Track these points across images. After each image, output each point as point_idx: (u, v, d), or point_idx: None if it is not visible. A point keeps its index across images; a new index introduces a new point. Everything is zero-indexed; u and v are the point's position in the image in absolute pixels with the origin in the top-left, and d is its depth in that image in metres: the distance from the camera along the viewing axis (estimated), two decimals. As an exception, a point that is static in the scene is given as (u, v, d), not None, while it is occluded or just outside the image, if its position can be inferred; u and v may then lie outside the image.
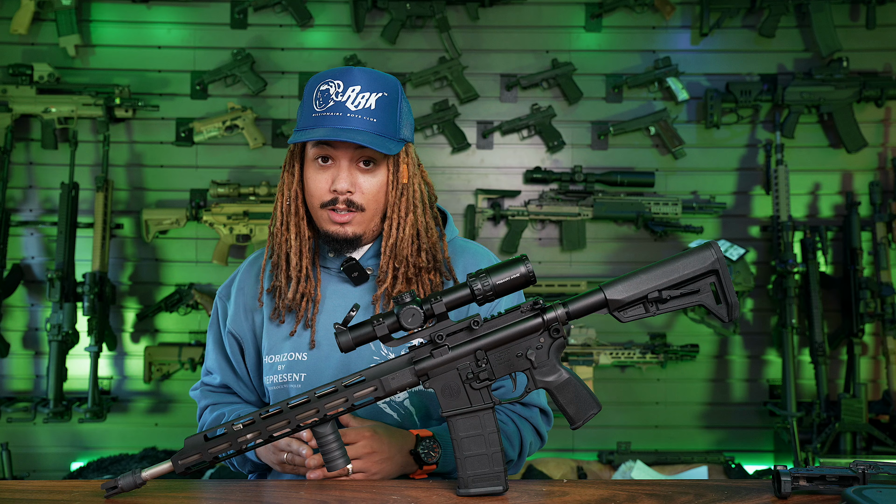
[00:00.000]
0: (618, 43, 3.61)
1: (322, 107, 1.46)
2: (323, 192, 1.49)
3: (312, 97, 1.49)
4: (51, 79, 3.45)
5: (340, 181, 1.47)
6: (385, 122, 1.47)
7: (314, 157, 1.50)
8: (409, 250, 1.53)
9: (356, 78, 1.46)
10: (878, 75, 3.57)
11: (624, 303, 1.19)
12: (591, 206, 3.49)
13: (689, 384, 3.59)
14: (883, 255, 3.43)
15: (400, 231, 1.52)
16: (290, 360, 1.53)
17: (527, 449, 1.55)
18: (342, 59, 3.55)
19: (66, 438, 3.57)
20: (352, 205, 1.48)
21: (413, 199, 1.54)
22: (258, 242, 3.46)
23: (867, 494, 1.04)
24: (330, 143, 1.47)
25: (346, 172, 1.48)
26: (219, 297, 1.65)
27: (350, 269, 1.53)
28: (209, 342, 1.66)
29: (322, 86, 1.48)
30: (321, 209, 1.50)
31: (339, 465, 1.22)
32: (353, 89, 1.46)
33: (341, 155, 1.48)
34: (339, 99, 1.46)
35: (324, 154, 1.49)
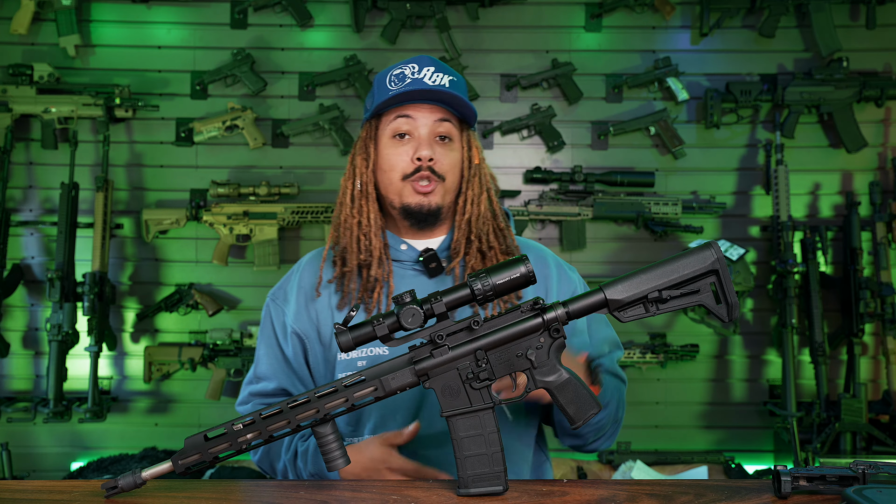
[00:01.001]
0: (618, 43, 3.61)
1: (399, 84, 1.52)
2: (405, 163, 1.52)
3: (386, 81, 1.54)
4: (51, 79, 3.45)
5: (423, 148, 1.51)
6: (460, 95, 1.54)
7: (392, 135, 1.54)
8: (484, 228, 1.56)
9: (429, 62, 1.55)
10: (878, 75, 3.57)
11: (624, 303, 1.19)
12: (591, 206, 3.49)
13: (689, 384, 3.59)
14: (883, 255, 3.43)
15: (475, 207, 1.56)
16: (371, 356, 1.52)
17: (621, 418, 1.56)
18: (342, 59, 3.55)
19: (66, 438, 3.57)
20: (434, 173, 1.51)
21: (485, 180, 1.59)
22: (258, 242, 3.46)
23: (867, 494, 1.04)
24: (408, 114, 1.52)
25: (426, 141, 1.52)
26: (271, 301, 1.63)
27: (429, 259, 1.54)
28: (260, 348, 1.63)
29: (395, 70, 1.55)
30: (402, 181, 1.53)
31: (339, 465, 1.22)
32: (428, 69, 1.53)
33: (420, 126, 1.53)
34: (415, 76, 1.52)
35: (401, 130, 1.53)
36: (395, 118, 1.54)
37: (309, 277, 1.61)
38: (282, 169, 3.59)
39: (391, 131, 1.54)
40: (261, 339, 1.64)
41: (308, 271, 1.63)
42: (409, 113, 1.53)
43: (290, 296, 1.61)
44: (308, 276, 1.62)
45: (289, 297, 1.61)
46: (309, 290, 1.60)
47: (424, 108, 1.54)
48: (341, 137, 3.52)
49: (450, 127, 1.55)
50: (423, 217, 1.54)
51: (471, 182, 1.58)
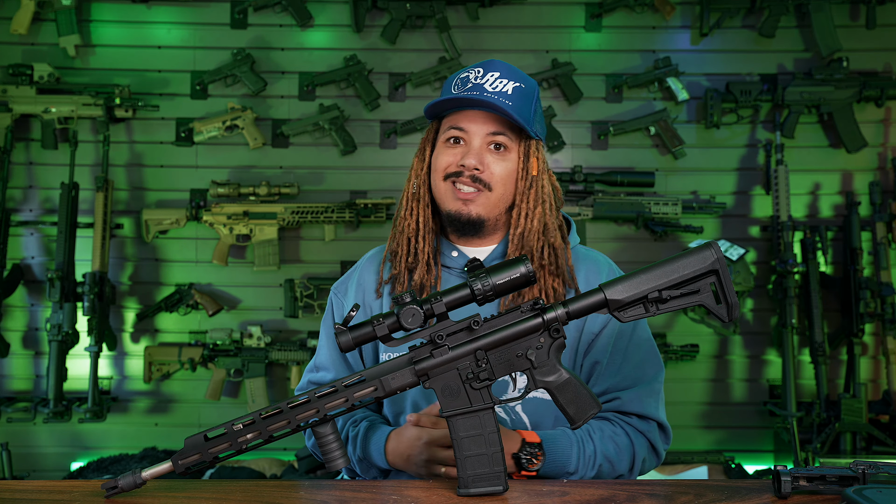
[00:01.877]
0: (618, 43, 3.61)
1: (460, 89, 1.50)
2: (450, 164, 1.51)
3: (451, 85, 1.53)
4: (51, 79, 3.45)
5: (469, 157, 1.49)
6: (520, 108, 1.50)
7: (446, 139, 1.53)
8: (535, 244, 1.52)
9: (496, 66, 1.52)
10: (878, 75, 3.57)
11: (624, 303, 1.19)
12: (591, 206, 3.49)
13: (689, 384, 3.59)
14: (883, 255, 3.43)
15: (528, 222, 1.52)
16: None
17: (638, 465, 1.49)
18: (342, 59, 3.55)
19: (66, 438, 3.57)
20: (478, 181, 1.49)
21: (542, 192, 1.54)
22: (258, 242, 3.46)
23: (867, 494, 1.03)
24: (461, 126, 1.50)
25: (476, 150, 1.50)
26: (334, 294, 1.65)
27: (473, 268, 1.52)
28: (322, 338, 1.65)
29: (462, 74, 1.53)
30: (444, 182, 1.51)
31: (339, 465, 1.22)
32: (493, 74, 1.51)
33: (474, 133, 1.50)
34: (477, 81, 1.50)
35: (456, 135, 1.51)
36: (449, 127, 1.53)
37: (367, 274, 1.63)
38: (282, 169, 3.59)
39: (446, 135, 1.53)
40: (322, 330, 1.66)
41: (367, 268, 1.64)
42: (462, 125, 1.51)
43: (349, 290, 1.63)
44: (366, 272, 1.63)
45: (349, 292, 1.63)
46: (367, 287, 1.61)
47: (479, 119, 1.51)
48: (341, 137, 3.52)
49: (504, 140, 1.51)
50: (461, 225, 1.51)
51: (526, 195, 1.53)
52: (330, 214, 3.47)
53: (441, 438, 1.38)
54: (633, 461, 1.48)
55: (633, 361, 1.53)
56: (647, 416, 1.51)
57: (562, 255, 1.54)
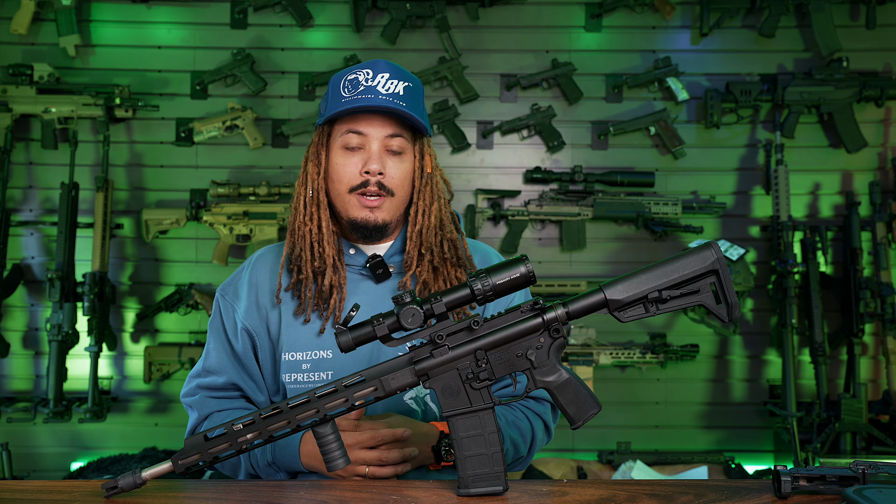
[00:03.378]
0: (618, 43, 3.61)
1: (352, 92, 1.50)
2: (353, 175, 1.51)
3: (340, 86, 1.52)
4: (51, 79, 3.45)
5: (372, 162, 1.50)
6: (413, 107, 1.52)
7: (342, 145, 1.53)
8: (434, 239, 1.56)
9: (384, 67, 1.52)
10: (878, 75, 3.57)
11: (624, 303, 1.19)
12: (591, 206, 3.49)
13: (689, 384, 3.59)
14: (883, 255, 3.43)
15: (426, 218, 1.56)
16: (316, 359, 1.52)
17: (537, 444, 1.57)
18: (342, 59, 3.55)
19: (66, 438, 3.57)
20: (382, 188, 1.51)
21: (436, 189, 1.59)
22: (258, 242, 3.46)
23: (867, 494, 1.04)
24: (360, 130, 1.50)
25: (376, 155, 1.51)
26: (221, 297, 1.62)
27: (376, 265, 1.54)
28: (210, 342, 1.62)
29: (350, 76, 1.53)
30: (349, 194, 1.52)
31: (339, 465, 1.22)
32: (383, 76, 1.51)
33: (372, 137, 1.51)
34: (369, 84, 1.50)
35: (354, 142, 1.51)
36: (346, 132, 1.52)
37: (259, 275, 1.60)
38: (282, 169, 3.59)
39: (342, 143, 1.53)
40: (210, 333, 1.62)
41: (259, 268, 1.61)
42: (360, 129, 1.51)
43: (240, 292, 1.60)
44: (259, 273, 1.61)
45: (239, 294, 1.60)
46: (260, 287, 1.59)
47: (376, 122, 1.51)
48: (341, 137, 3.52)
49: (402, 142, 1.53)
50: (368, 232, 1.53)
51: (422, 192, 1.57)
52: (330, 214, 3.46)
53: (366, 440, 1.39)
54: (533, 442, 1.56)
55: None
56: (541, 398, 1.59)
57: (460, 246, 1.60)
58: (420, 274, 1.55)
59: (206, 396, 1.59)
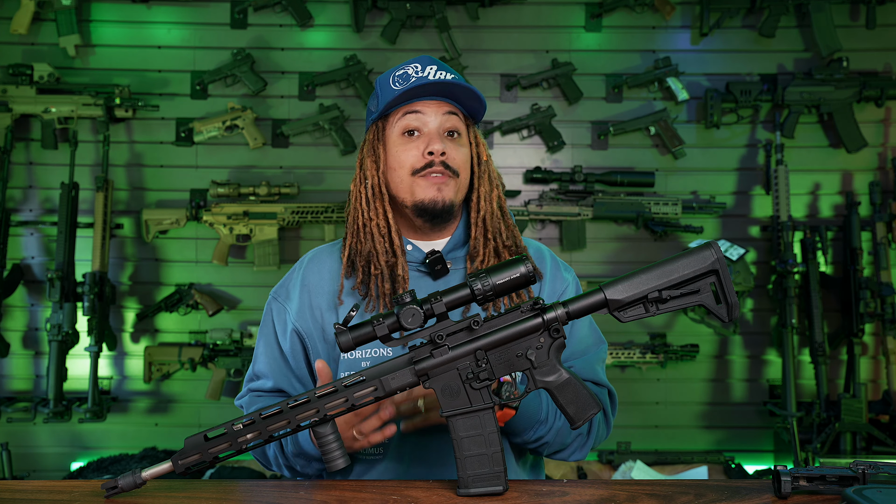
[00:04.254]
0: (618, 43, 3.61)
1: (404, 84, 1.50)
2: (416, 158, 1.50)
3: (390, 82, 1.52)
4: (51, 79, 3.45)
5: (434, 142, 1.49)
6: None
7: (401, 133, 1.53)
8: (499, 226, 1.55)
9: (430, 61, 1.53)
10: (878, 75, 3.57)
11: (624, 303, 1.19)
12: (591, 206, 3.49)
13: (689, 384, 3.59)
14: (883, 255, 3.43)
15: (488, 204, 1.55)
16: (375, 356, 1.50)
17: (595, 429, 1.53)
18: (342, 59, 3.55)
19: (66, 438, 3.57)
20: (447, 168, 1.50)
21: (493, 177, 1.58)
22: (258, 242, 3.46)
23: (867, 494, 1.04)
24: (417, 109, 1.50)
25: (437, 135, 1.51)
26: (274, 299, 1.61)
27: (434, 261, 1.53)
28: (260, 346, 1.61)
29: (398, 71, 1.53)
30: (413, 177, 1.50)
31: (339, 465, 1.22)
32: (431, 68, 1.51)
33: (430, 121, 1.51)
34: (419, 75, 1.50)
35: (411, 126, 1.51)
36: (402, 115, 1.52)
37: (313, 275, 1.59)
38: (282, 169, 3.59)
39: (400, 129, 1.52)
40: (260, 336, 1.61)
41: (313, 270, 1.60)
42: (417, 108, 1.51)
43: (292, 293, 1.58)
44: (313, 273, 1.59)
45: (291, 295, 1.58)
46: (314, 288, 1.57)
47: (432, 104, 1.52)
48: (341, 137, 3.52)
49: (457, 121, 1.53)
50: (437, 213, 1.51)
51: (482, 178, 1.56)
52: (330, 214, 3.47)
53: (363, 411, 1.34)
54: (591, 424, 1.52)
55: (579, 334, 1.58)
56: (600, 382, 1.56)
57: (518, 235, 1.59)
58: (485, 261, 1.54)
59: (255, 396, 1.60)
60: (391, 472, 1.49)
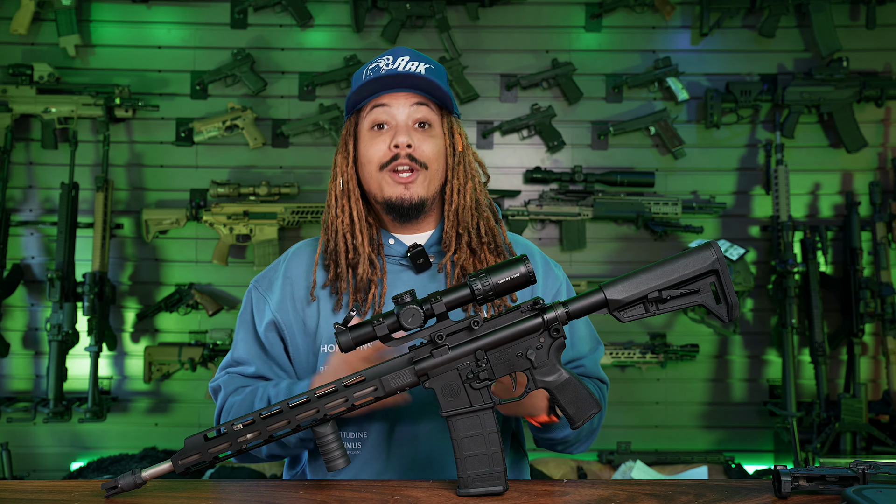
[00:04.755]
0: (618, 43, 3.61)
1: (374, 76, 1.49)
2: (382, 152, 1.49)
3: (363, 76, 1.51)
4: (51, 79, 3.45)
5: (400, 135, 1.48)
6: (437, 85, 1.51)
7: (370, 127, 1.51)
8: (471, 220, 1.53)
9: (403, 52, 1.52)
10: (878, 75, 3.57)
11: (624, 303, 1.19)
12: (591, 206, 3.49)
13: (689, 384, 3.59)
14: (883, 255, 3.43)
15: (461, 197, 1.53)
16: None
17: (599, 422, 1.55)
18: (342, 59, 3.55)
19: (66, 438, 3.57)
20: (414, 160, 1.48)
21: (470, 168, 1.56)
22: (258, 242, 3.46)
23: (867, 494, 1.04)
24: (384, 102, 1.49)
25: (404, 129, 1.49)
26: (255, 288, 1.60)
27: (416, 255, 1.51)
28: (240, 333, 1.59)
29: (371, 64, 1.52)
30: (381, 172, 1.49)
31: (339, 465, 1.22)
32: (403, 59, 1.50)
33: (397, 114, 1.50)
34: (389, 67, 1.49)
35: (379, 120, 1.50)
36: (371, 109, 1.51)
37: (295, 268, 1.58)
38: (282, 169, 3.59)
39: (369, 123, 1.51)
40: (239, 325, 1.60)
41: (295, 263, 1.59)
42: (384, 101, 1.50)
43: (274, 285, 1.58)
44: (294, 267, 1.59)
45: (273, 286, 1.58)
46: (295, 282, 1.56)
47: (400, 95, 1.50)
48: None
49: (427, 112, 1.51)
50: (405, 211, 1.50)
51: (455, 170, 1.54)
52: (330, 214, 3.46)
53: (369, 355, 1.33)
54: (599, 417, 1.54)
55: (582, 335, 1.60)
56: (603, 380, 1.60)
57: (499, 233, 1.57)
58: (458, 258, 1.53)
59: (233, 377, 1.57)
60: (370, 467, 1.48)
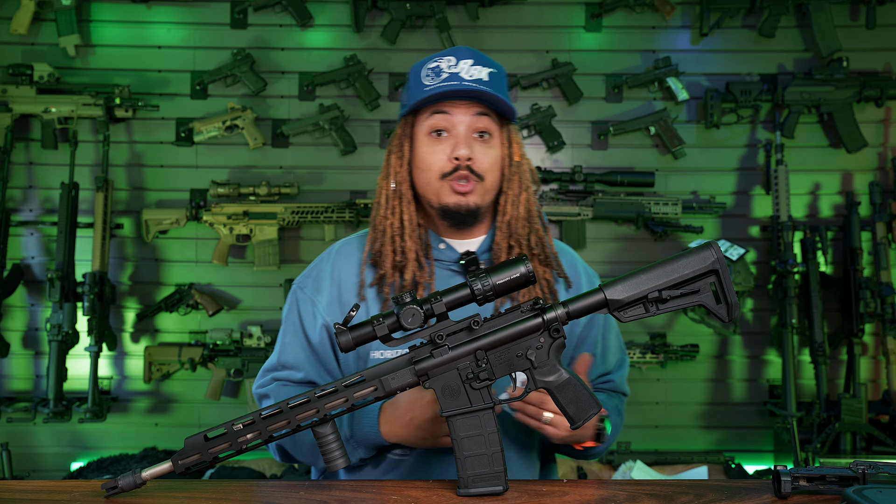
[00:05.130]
0: (618, 43, 3.61)
1: (435, 80, 1.47)
2: (442, 162, 1.48)
3: (422, 75, 1.49)
4: (51, 79, 3.45)
5: (460, 147, 1.46)
6: (498, 91, 1.48)
7: (428, 132, 1.49)
8: (522, 231, 1.53)
9: (466, 54, 1.49)
10: (878, 75, 3.57)
11: (624, 303, 1.19)
12: (591, 206, 3.49)
13: (689, 384, 3.59)
14: (883, 255, 3.43)
15: (514, 209, 1.52)
16: None
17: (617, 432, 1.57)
18: (342, 59, 3.55)
19: (66, 438, 3.57)
20: (472, 172, 1.47)
21: (525, 178, 1.55)
22: (258, 242, 3.46)
23: (867, 494, 1.04)
24: (445, 110, 1.47)
25: (464, 139, 1.47)
26: (299, 289, 1.57)
27: (470, 262, 1.50)
28: (286, 336, 1.56)
29: (431, 64, 1.49)
30: (440, 181, 1.48)
31: (339, 465, 1.22)
32: (466, 62, 1.48)
33: (458, 122, 1.48)
34: (452, 70, 1.47)
35: (439, 127, 1.48)
36: (431, 114, 1.49)
37: (342, 268, 1.56)
38: (282, 169, 3.59)
39: (428, 128, 1.49)
40: (286, 327, 1.57)
41: (341, 262, 1.57)
42: (446, 109, 1.48)
43: (322, 286, 1.55)
44: (341, 266, 1.56)
45: (321, 288, 1.55)
46: (343, 282, 1.54)
47: (462, 105, 1.49)
48: (341, 137, 3.52)
49: (488, 122, 1.50)
50: (461, 218, 1.49)
51: (510, 181, 1.53)
52: (330, 214, 3.47)
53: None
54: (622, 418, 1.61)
55: (612, 347, 1.63)
56: (627, 394, 1.66)
57: (547, 244, 1.57)
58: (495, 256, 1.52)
59: (282, 385, 1.54)
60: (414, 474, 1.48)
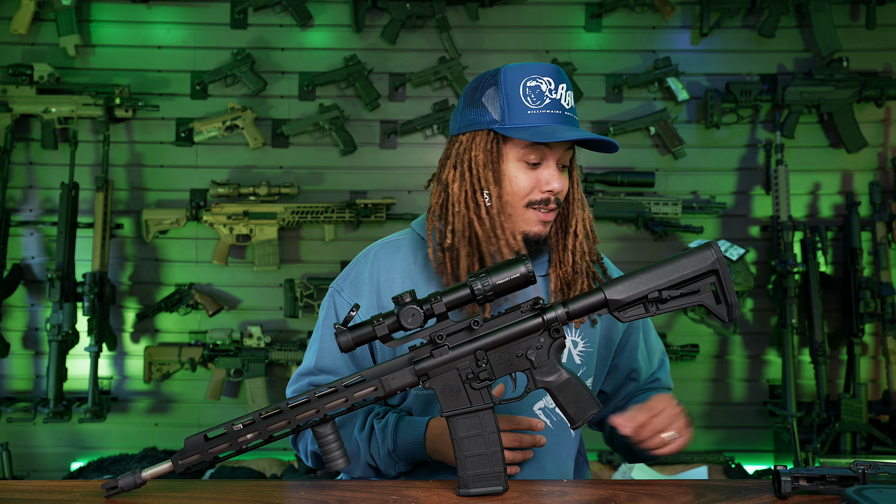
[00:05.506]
0: (618, 43, 3.61)
1: (537, 104, 1.45)
2: (534, 191, 1.46)
3: (521, 93, 1.46)
4: (51, 79, 3.45)
5: (555, 181, 1.45)
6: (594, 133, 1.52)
7: (521, 157, 1.46)
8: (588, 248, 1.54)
9: (559, 76, 1.48)
10: (878, 75, 3.57)
11: (624, 303, 1.19)
12: (591, 206, 3.49)
13: (689, 384, 3.59)
14: (883, 255, 3.43)
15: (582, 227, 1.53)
16: None
17: None
18: (342, 59, 3.55)
19: (66, 438, 3.57)
20: (558, 203, 1.48)
21: (583, 197, 1.56)
22: (258, 242, 3.46)
23: (867, 494, 1.04)
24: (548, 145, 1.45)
25: (557, 173, 1.47)
26: (337, 293, 1.54)
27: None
28: (324, 341, 1.53)
29: (530, 81, 1.46)
30: (526, 208, 1.47)
31: (339, 465, 1.22)
32: (562, 87, 1.48)
33: (552, 156, 1.47)
34: (553, 97, 1.47)
35: (535, 161, 1.46)
36: (526, 146, 1.45)
37: (383, 272, 1.52)
38: (282, 169, 3.59)
39: (522, 155, 1.46)
40: (324, 331, 1.54)
41: (381, 265, 1.53)
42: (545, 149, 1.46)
43: (361, 290, 1.52)
44: (382, 270, 1.53)
45: (360, 292, 1.52)
46: (383, 285, 1.51)
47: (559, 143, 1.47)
48: (341, 137, 3.52)
49: (571, 154, 1.52)
50: (538, 246, 1.49)
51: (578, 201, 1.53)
52: (330, 214, 3.47)
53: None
54: None
55: (655, 347, 1.65)
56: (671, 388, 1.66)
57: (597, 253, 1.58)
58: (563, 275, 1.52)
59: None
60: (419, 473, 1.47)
